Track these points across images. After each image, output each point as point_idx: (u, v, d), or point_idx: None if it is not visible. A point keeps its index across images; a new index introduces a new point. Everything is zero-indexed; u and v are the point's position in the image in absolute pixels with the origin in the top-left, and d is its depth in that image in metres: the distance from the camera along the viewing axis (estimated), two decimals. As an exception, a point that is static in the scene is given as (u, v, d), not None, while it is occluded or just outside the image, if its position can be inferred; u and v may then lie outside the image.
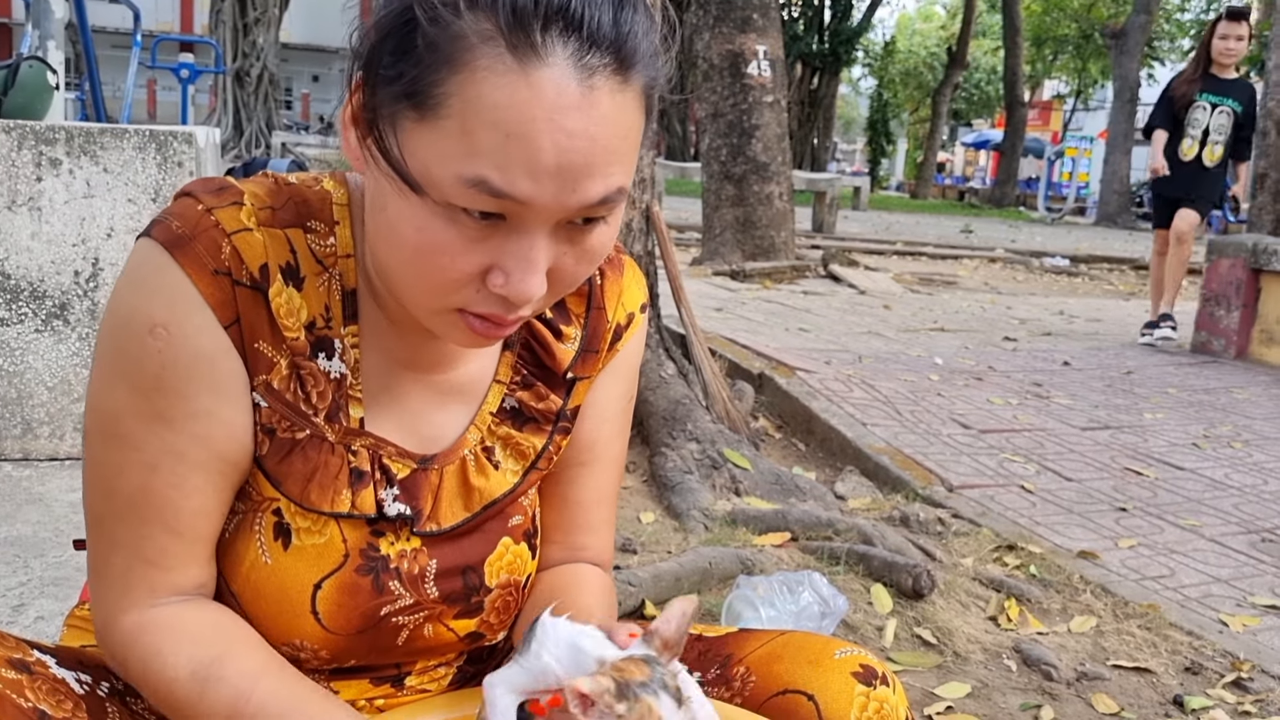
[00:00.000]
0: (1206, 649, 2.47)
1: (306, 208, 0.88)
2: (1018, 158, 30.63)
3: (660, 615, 0.80)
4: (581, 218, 0.77)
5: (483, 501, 0.95)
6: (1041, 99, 47.72)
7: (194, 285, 0.81)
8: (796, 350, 5.16)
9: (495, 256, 0.76)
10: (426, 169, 0.73)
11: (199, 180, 0.87)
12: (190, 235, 0.82)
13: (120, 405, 0.83)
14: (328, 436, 0.88)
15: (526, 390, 0.98)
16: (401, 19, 0.73)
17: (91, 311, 2.84)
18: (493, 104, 0.71)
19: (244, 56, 22.25)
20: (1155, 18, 26.44)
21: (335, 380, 0.88)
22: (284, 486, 0.87)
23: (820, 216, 13.94)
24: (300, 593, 0.88)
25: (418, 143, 0.73)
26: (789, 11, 27.21)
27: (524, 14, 0.70)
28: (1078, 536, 3.14)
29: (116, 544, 0.85)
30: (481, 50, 0.71)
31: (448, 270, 0.76)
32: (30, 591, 2.13)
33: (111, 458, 0.84)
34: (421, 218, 0.75)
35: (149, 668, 0.84)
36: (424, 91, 0.72)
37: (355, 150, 0.80)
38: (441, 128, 0.72)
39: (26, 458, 2.87)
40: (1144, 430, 4.43)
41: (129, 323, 0.82)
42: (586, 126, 0.72)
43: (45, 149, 2.74)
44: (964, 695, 2.18)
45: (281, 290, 0.84)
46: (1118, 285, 10.83)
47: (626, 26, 0.73)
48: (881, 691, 0.94)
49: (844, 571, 2.66)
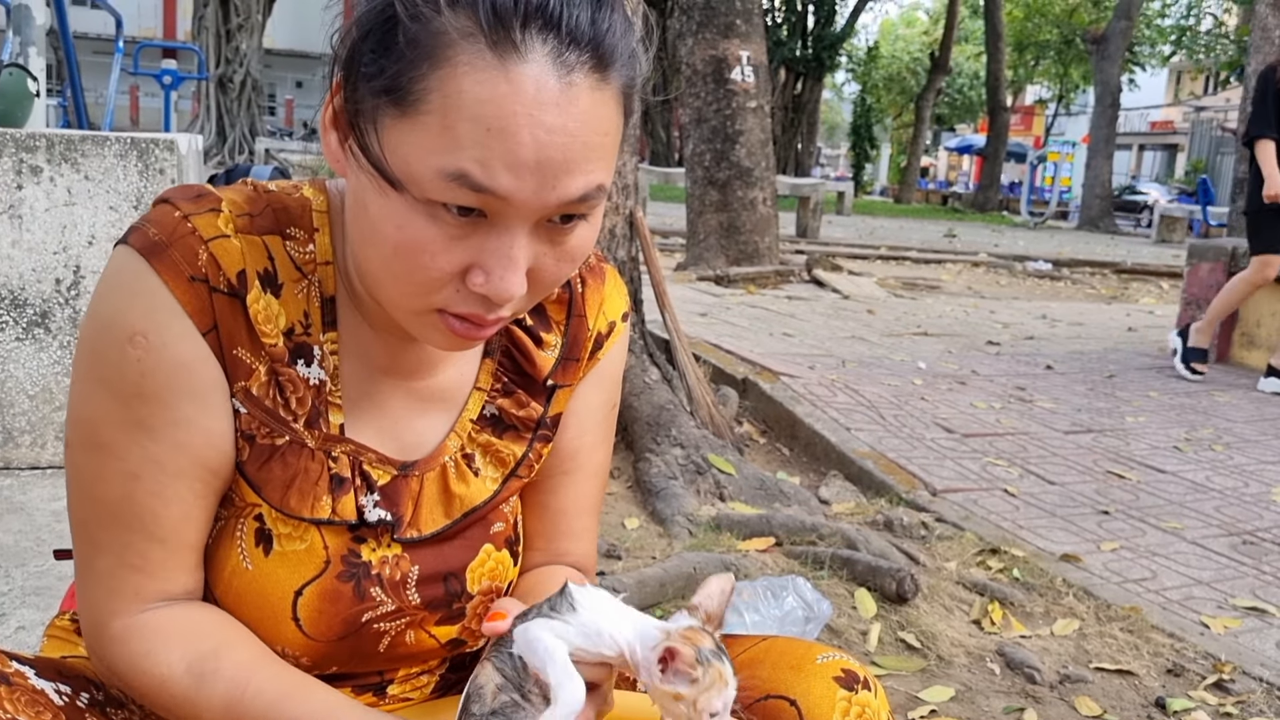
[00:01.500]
0: (1188, 651, 2.48)
1: (286, 215, 0.88)
2: (1000, 162, 30.80)
3: (702, 591, 0.82)
4: (561, 216, 0.77)
5: (463, 509, 0.95)
6: (1024, 104, 48.01)
7: (171, 292, 0.81)
8: (781, 355, 5.17)
9: (475, 255, 0.76)
10: (407, 165, 0.74)
11: (177, 187, 0.87)
12: (167, 242, 0.82)
13: (101, 413, 0.83)
14: (307, 443, 0.88)
15: (507, 398, 0.98)
16: (382, 16, 0.74)
17: (73, 319, 2.83)
18: (473, 99, 0.71)
19: (227, 62, 22.18)
20: (1136, 23, 26.60)
21: (314, 386, 0.88)
22: (264, 492, 0.87)
23: (804, 222, 13.98)
24: (281, 599, 0.88)
25: (398, 139, 0.74)
26: (772, 17, 27.30)
27: (504, 11, 0.71)
28: (1060, 540, 3.15)
29: (101, 550, 0.85)
30: (462, 46, 0.71)
31: (428, 269, 0.76)
32: (11, 601, 2.11)
33: (93, 466, 0.84)
34: (402, 215, 0.75)
35: (139, 667, 0.84)
36: (404, 87, 0.73)
37: (336, 152, 0.80)
38: (422, 123, 0.73)
39: (7, 466, 2.85)
40: (1126, 434, 4.45)
41: (108, 330, 0.82)
42: (565, 122, 0.73)
43: (26, 156, 2.73)
44: (948, 699, 2.19)
45: (259, 297, 0.84)
46: (1100, 289, 10.89)
47: (604, 25, 0.74)
48: (863, 696, 0.94)
49: (828, 576, 2.67)
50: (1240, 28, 30.28)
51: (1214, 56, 33.14)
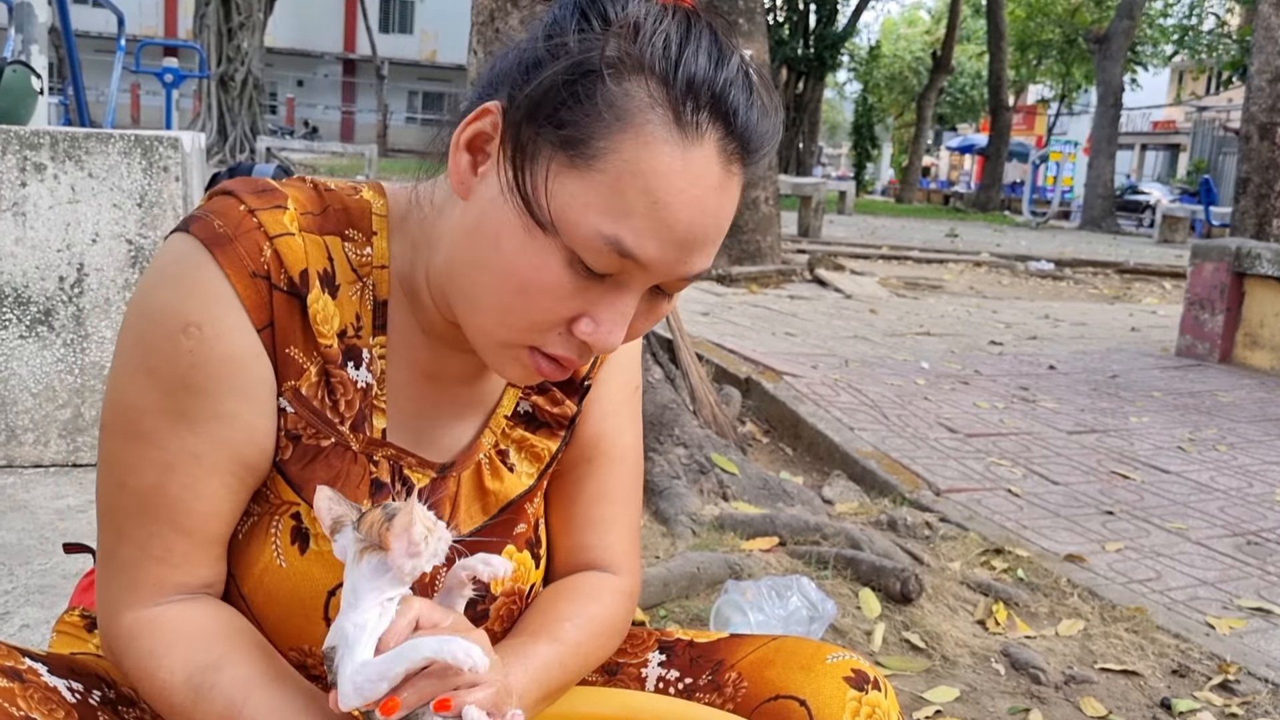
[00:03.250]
0: (1193, 651, 2.48)
1: (346, 216, 0.88)
2: (1002, 162, 30.76)
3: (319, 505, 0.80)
4: (670, 286, 0.81)
5: (499, 503, 0.96)
6: (1026, 103, 47.97)
7: (232, 286, 0.81)
8: (783, 355, 5.17)
9: (591, 306, 0.79)
10: (565, 214, 0.75)
11: (238, 180, 0.86)
12: (232, 235, 0.81)
13: (143, 401, 0.82)
14: (352, 445, 0.88)
15: (541, 395, 0.98)
16: (581, 70, 0.75)
17: (76, 318, 2.83)
18: (650, 169, 0.74)
19: (228, 61, 22.18)
20: (1139, 23, 26.59)
21: (362, 390, 0.88)
22: (305, 492, 0.86)
23: (806, 221, 13.98)
24: (314, 598, 0.87)
25: (562, 186, 0.75)
26: (774, 16, 27.29)
27: (696, 90, 0.75)
28: (1065, 540, 3.15)
29: (125, 539, 0.84)
30: (650, 115, 0.74)
31: (547, 311, 0.79)
32: (15, 599, 2.11)
33: (128, 454, 0.83)
34: (541, 257, 0.77)
35: (145, 668, 0.83)
36: (586, 140, 0.75)
37: (465, 174, 0.81)
38: (593, 180, 0.75)
39: (10, 464, 2.85)
40: (1130, 434, 4.45)
41: (160, 319, 0.81)
42: (719, 208, 0.78)
43: (30, 154, 2.73)
44: (952, 699, 2.19)
45: (319, 297, 0.84)
46: (1102, 289, 10.88)
47: (766, 130, 0.79)
48: (874, 696, 0.94)
49: (832, 576, 2.66)
50: (1243, 27, 30.25)
51: (1216, 56, 33.07)
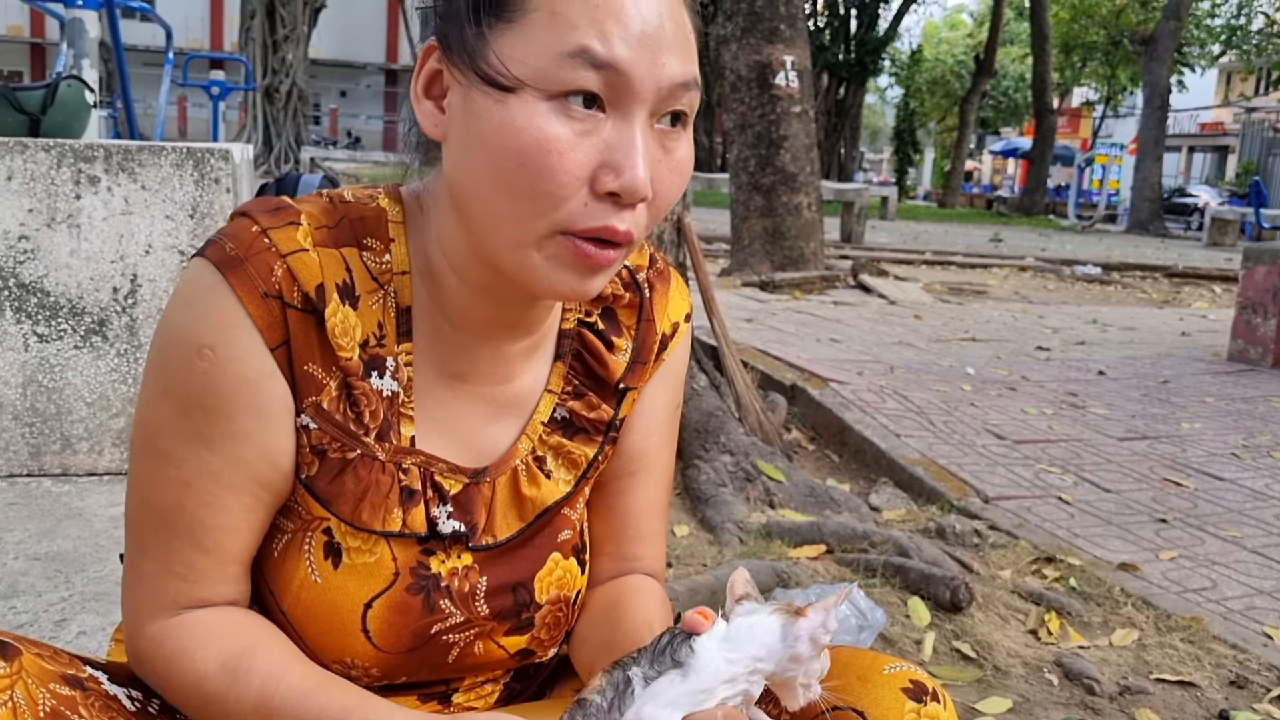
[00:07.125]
0: (1251, 662, 2.43)
1: (362, 225, 0.88)
2: (1047, 165, 30.45)
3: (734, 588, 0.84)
4: (670, 117, 0.80)
5: (536, 510, 0.95)
6: (1070, 106, 47.45)
7: (243, 307, 0.81)
8: (828, 361, 5.14)
9: (602, 153, 0.77)
10: (525, 64, 0.76)
11: (256, 200, 0.87)
12: (243, 257, 0.82)
13: (162, 421, 0.84)
14: (378, 455, 0.88)
15: (578, 400, 0.97)
16: None
17: (130, 328, 2.87)
18: None
19: (273, 73, 22.47)
20: (1185, 24, 26.23)
21: (387, 399, 0.88)
22: (334, 506, 0.87)
23: (848, 226, 13.92)
24: (351, 611, 0.88)
25: (511, 46, 0.76)
26: (815, 22, 27.22)
27: None
28: (1117, 548, 3.10)
29: (148, 553, 0.86)
30: None
31: (556, 171, 0.76)
32: (72, 606, 2.14)
33: (150, 471, 0.85)
34: (525, 117, 0.76)
35: (177, 665, 0.84)
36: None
37: (434, 115, 0.82)
38: (531, 21, 0.76)
39: (66, 473, 2.89)
40: (1182, 440, 4.38)
41: (177, 342, 0.83)
42: (657, 5, 0.77)
43: (84, 166, 2.77)
44: (1005, 710, 2.16)
45: (337, 309, 0.85)
46: (1151, 293, 10.73)
47: None
48: (933, 708, 0.92)
49: (880, 584, 2.64)
50: None
51: (1265, 56, 32.58)
